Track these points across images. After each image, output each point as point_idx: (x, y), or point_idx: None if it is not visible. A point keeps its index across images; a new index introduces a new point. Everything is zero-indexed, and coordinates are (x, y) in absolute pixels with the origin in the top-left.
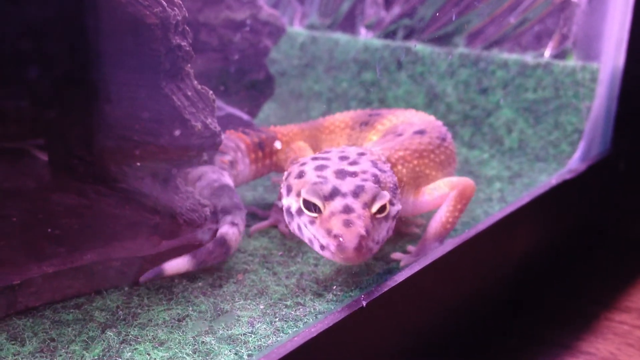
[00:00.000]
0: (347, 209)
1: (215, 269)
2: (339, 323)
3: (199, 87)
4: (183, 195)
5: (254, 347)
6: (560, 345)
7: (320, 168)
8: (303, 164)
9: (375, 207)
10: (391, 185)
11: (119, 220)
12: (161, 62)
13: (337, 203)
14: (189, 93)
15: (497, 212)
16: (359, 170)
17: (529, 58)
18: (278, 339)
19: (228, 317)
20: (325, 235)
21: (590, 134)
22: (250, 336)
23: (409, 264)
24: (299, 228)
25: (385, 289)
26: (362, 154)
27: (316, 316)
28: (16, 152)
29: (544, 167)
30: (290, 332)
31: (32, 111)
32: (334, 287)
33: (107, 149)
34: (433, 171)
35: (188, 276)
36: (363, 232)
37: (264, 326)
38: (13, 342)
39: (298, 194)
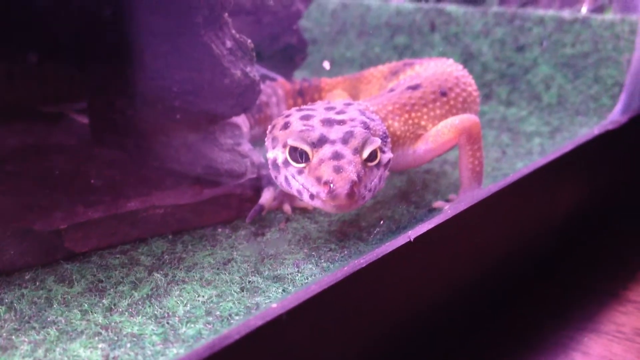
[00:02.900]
0: (337, 156)
1: (257, 220)
2: (388, 256)
3: (237, 35)
4: (222, 146)
5: (301, 285)
6: (607, 294)
7: (306, 118)
8: (287, 115)
9: (365, 153)
10: (381, 133)
11: (160, 171)
12: (200, 8)
13: (326, 150)
14: (228, 41)
15: (540, 159)
16: (346, 118)
17: (566, 14)
18: None
19: (273, 260)
20: (315, 184)
21: (631, 87)
22: (297, 275)
23: None
24: (286, 180)
25: (432, 226)
26: (348, 104)
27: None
28: (56, 116)
29: (584, 121)
30: None
31: (70, 69)
32: (376, 231)
33: (147, 100)
34: (430, 124)
35: (231, 226)
36: (354, 177)
37: (310, 266)
38: (61, 284)
39: (284, 145)
